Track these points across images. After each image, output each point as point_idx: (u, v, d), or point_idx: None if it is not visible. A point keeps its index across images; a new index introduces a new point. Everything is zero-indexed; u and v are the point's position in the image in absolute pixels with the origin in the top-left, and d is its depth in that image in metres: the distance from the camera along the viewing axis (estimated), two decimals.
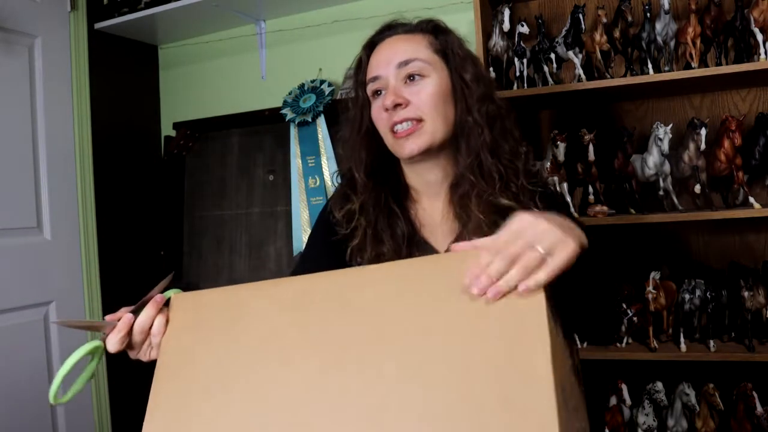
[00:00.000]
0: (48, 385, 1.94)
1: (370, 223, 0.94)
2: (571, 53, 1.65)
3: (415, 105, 0.89)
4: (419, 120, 0.89)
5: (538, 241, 0.58)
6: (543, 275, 0.57)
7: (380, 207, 0.94)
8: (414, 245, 0.94)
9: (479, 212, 0.89)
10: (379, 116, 0.92)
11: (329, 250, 0.98)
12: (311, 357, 0.61)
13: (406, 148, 0.90)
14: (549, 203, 0.93)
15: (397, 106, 0.89)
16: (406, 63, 0.89)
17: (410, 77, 0.90)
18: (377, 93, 0.92)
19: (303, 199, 1.98)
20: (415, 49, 0.91)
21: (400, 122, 0.89)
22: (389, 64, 0.90)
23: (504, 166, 0.91)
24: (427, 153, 0.91)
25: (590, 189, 1.70)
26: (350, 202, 0.97)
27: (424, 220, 0.97)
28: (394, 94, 0.89)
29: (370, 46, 0.95)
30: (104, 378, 2.12)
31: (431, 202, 0.98)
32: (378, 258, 0.93)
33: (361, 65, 0.96)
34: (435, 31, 0.94)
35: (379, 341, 0.60)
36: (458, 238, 0.92)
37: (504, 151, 0.92)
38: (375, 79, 0.91)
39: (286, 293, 0.66)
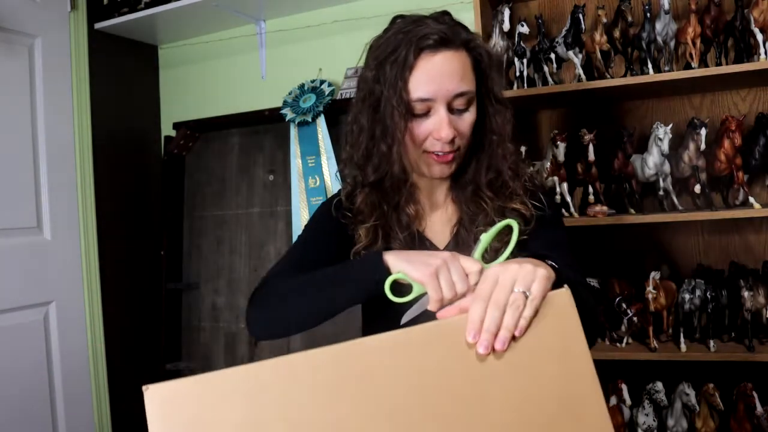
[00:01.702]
0: (48, 385, 1.95)
1: (381, 220, 0.95)
2: (571, 53, 1.65)
3: (459, 136, 0.90)
4: (457, 149, 0.91)
5: (515, 282, 0.64)
6: (529, 311, 0.62)
7: (391, 204, 0.95)
8: (419, 241, 0.97)
9: (491, 209, 0.93)
10: (423, 138, 0.90)
11: (334, 242, 0.98)
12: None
13: (438, 171, 0.92)
14: (543, 200, 0.97)
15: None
16: (461, 95, 0.88)
17: (460, 108, 0.89)
18: (425, 113, 0.89)
19: (303, 199, 1.98)
20: (464, 73, 0.88)
21: (442, 150, 0.90)
22: (447, 91, 0.87)
23: (517, 177, 0.95)
24: None
25: (590, 189, 1.70)
26: (363, 199, 0.97)
27: (423, 217, 1.00)
28: (450, 127, 0.88)
29: (418, 50, 0.86)
30: (104, 378, 2.12)
31: (430, 199, 1.01)
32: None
33: (406, 64, 0.87)
34: (473, 47, 0.91)
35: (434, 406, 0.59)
36: (458, 233, 0.97)
37: (522, 169, 0.96)
38: (427, 99, 0.88)
39: (297, 369, 0.59)
